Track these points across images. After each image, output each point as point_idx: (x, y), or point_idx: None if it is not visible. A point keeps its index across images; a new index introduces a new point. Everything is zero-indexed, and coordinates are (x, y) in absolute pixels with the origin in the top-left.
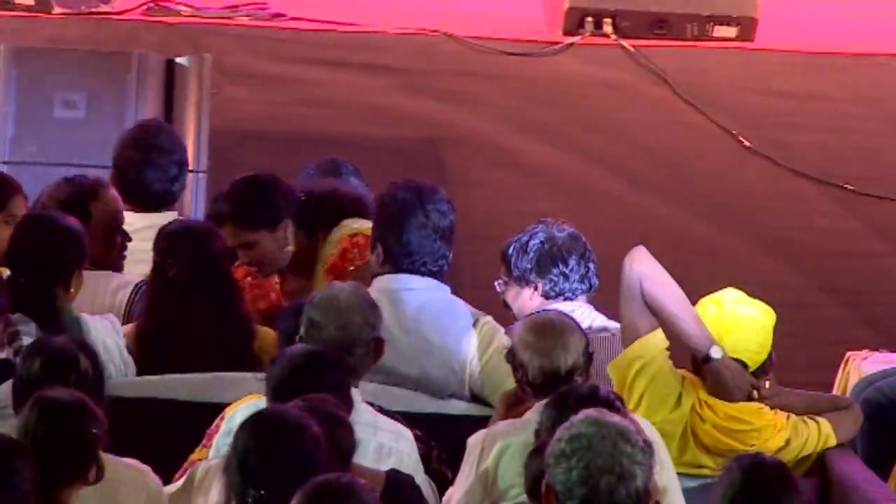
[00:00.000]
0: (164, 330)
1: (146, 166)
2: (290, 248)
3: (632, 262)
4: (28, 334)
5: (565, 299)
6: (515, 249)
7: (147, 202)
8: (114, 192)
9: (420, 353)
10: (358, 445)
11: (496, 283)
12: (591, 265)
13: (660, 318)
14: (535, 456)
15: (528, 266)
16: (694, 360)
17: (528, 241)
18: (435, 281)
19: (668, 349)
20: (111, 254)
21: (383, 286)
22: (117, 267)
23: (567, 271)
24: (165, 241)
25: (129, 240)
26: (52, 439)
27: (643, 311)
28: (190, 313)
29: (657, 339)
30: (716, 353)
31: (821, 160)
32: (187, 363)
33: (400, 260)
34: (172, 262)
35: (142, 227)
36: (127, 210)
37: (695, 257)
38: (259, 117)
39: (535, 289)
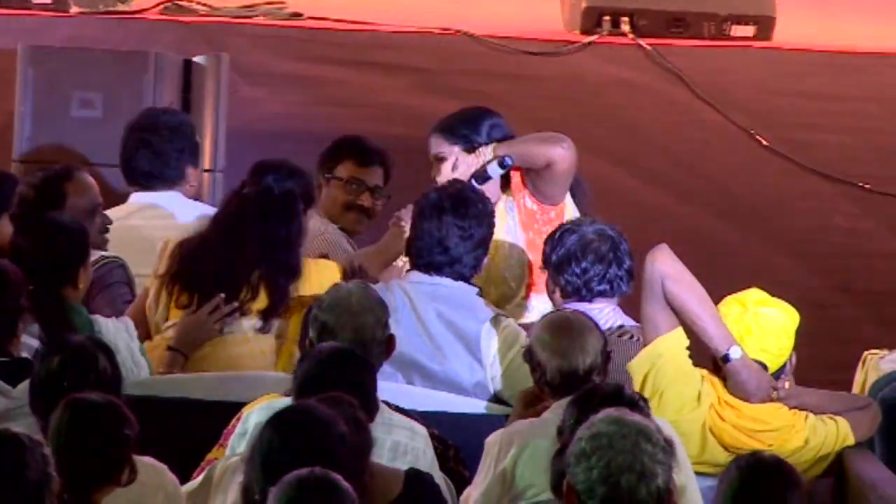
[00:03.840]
0: None
1: (139, 145)
2: None
3: (654, 260)
4: (31, 334)
5: (580, 299)
6: (549, 243)
7: (139, 181)
8: (88, 174)
9: (444, 350)
10: (374, 444)
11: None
12: (614, 268)
13: (681, 317)
14: (559, 455)
15: (553, 261)
16: (714, 360)
17: (560, 236)
18: (463, 282)
19: (688, 348)
20: (93, 232)
21: (413, 279)
22: (98, 246)
23: (579, 270)
24: None
25: (110, 221)
26: (86, 441)
27: (665, 310)
28: None
29: (678, 338)
30: (735, 353)
31: (839, 160)
32: None
33: (434, 258)
34: None
35: (140, 206)
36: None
37: (711, 256)
38: (276, 117)
39: (557, 285)
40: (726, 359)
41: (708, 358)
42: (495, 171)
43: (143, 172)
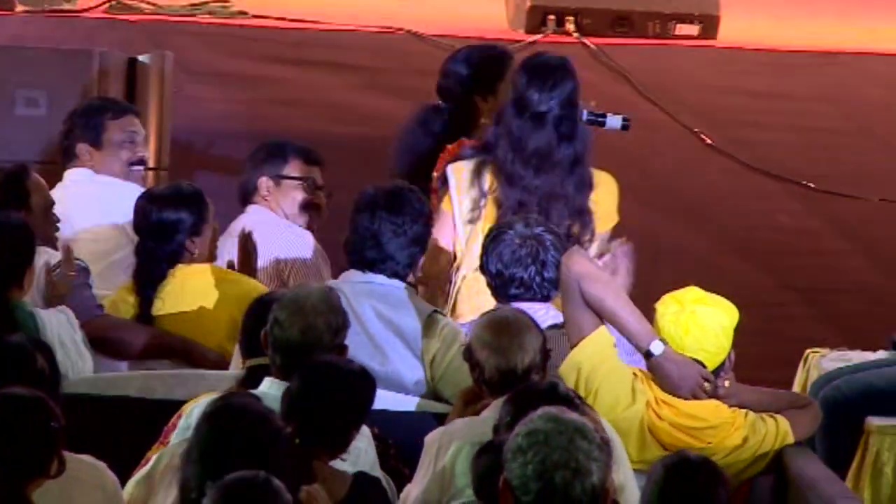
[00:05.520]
0: None
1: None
2: None
3: (569, 263)
4: None
5: (509, 299)
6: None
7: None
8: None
9: (384, 349)
10: None
11: None
12: (534, 268)
13: (601, 316)
14: (481, 455)
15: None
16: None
17: (494, 236)
18: (398, 280)
19: (615, 346)
20: (49, 230)
21: (348, 278)
22: (52, 243)
23: (507, 273)
24: None
25: (59, 220)
26: (13, 434)
27: (586, 311)
28: None
29: (603, 338)
30: (657, 348)
31: (784, 158)
32: None
33: (367, 254)
34: None
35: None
36: None
37: (656, 255)
38: (221, 115)
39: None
40: (648, 354)
41: None
42: (615, 122)
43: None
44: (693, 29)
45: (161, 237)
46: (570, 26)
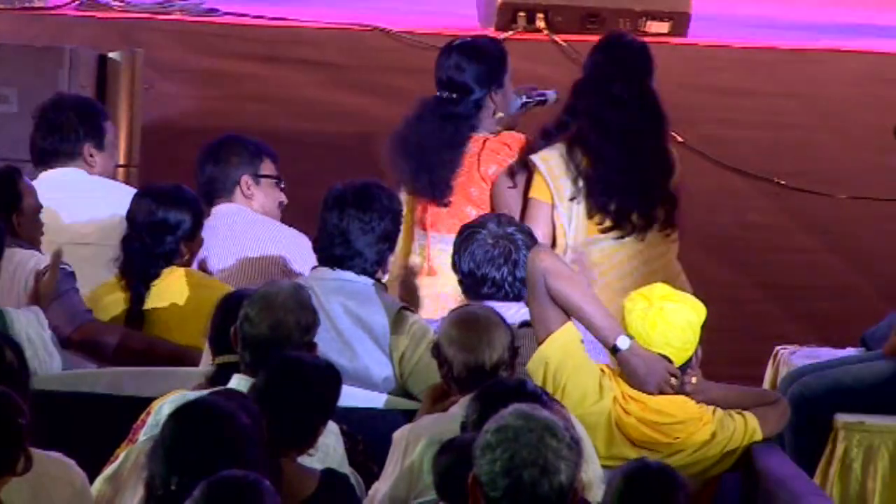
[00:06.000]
0: None
1: (38, 123)
2: None
3: (534, 259)
4: None
5: (481, 298)
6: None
7: (40, 158)
8: None
9: (353, 345)
10: None
11: None
12: (506, 268)
13: (567, 312)
14: (441, 453)
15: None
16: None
17: (466, 236)
18: (367, 277)
19: (581, 341)
20: (36, 233)
21: (317, 275)
22: (38, 245)
23: (480, 273)
24: None
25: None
26: None
27: (552, 308)
28: None
29: (570, 334)
30: (623, 343)
31: (754, 156)
32: None
33: (335, 251)
34: None
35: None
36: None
37: None
38: (191, 112)
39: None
40: (615, 350)
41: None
42: (551, 96)
43: (41, 149)
44: (663, 26)
45: (161, 235)
46: (541, 23)
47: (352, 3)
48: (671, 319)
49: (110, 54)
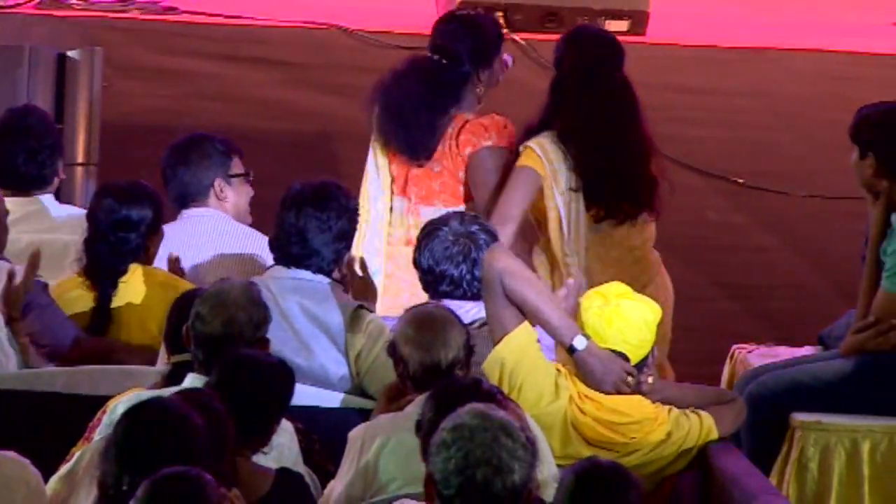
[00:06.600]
0: None
1: (14, 148)
2: None
3: (491, 259)
4: None
5: (440, 296)
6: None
7: (19, 184)
8: None
9: (309, 344)
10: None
11: None
12: (465, 266)
13: (523, 312)
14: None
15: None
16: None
17: (426, 234)
18: (323, 276)
19: (538, 341)
20: (4, 237)
21: (274, 274)
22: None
23: (438, 270)
24: None
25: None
26: None
27: (508, 308)
28: None
29: (526, 333)
30: (580, 343)
31: (712, 154)
32: None
33: (292, 250)
34: None
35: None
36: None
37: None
38: (150, 111)
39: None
40: (572, 349)
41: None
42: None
43: (22, 175)
44: (622, 25)
45: (126, 233)
46: (500, 22)
47: (311, 2)
48: (627, 316)
49: (69, 53)
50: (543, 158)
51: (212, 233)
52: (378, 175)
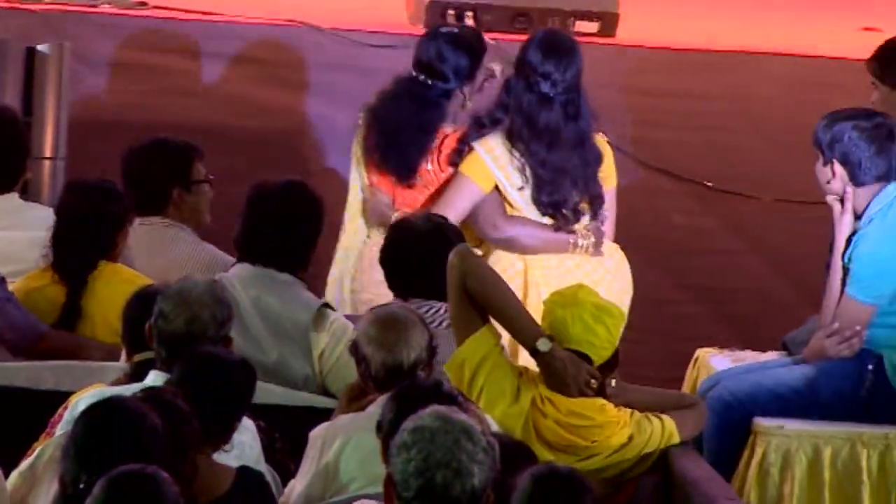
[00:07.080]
0: None
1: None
2: None
3: (454, 259)
4: None
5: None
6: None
7: None
8: None
9: (273, 342)
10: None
11: None
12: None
13: (487, 313)
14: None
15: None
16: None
17: (392, 232)
18: (289, 274)
19: (499, 343)
20: None
21: (239, 271)
22: None
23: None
24: None
25: None
26: None
27: (471, 309)
28: None
29: (488, 335)
30: (543, 345)
31: (681, 157)
32: None
33: (259, 247)
34: None
35: None
36: None
37: None
38: (119, 106)
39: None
40: (535, 351)
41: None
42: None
43: None
44: (592, 26)
45: (96, 229)
46: (470, 21)
47: None
48: (591, 318)
49: (38, 47)
50: (492, 167)
51: (164, 239)
52: (361, 191)
